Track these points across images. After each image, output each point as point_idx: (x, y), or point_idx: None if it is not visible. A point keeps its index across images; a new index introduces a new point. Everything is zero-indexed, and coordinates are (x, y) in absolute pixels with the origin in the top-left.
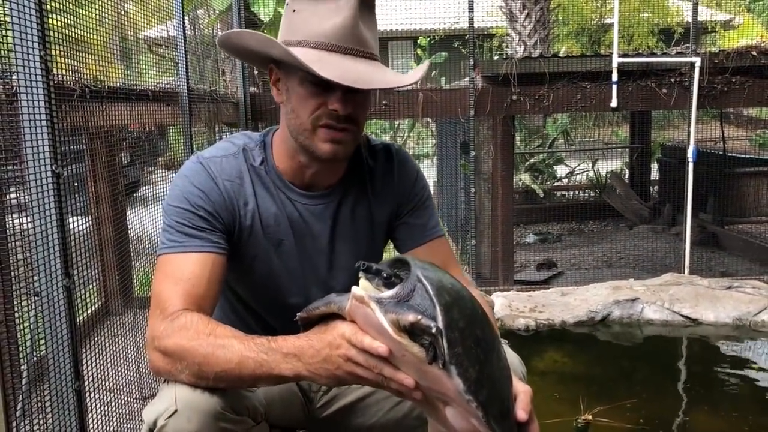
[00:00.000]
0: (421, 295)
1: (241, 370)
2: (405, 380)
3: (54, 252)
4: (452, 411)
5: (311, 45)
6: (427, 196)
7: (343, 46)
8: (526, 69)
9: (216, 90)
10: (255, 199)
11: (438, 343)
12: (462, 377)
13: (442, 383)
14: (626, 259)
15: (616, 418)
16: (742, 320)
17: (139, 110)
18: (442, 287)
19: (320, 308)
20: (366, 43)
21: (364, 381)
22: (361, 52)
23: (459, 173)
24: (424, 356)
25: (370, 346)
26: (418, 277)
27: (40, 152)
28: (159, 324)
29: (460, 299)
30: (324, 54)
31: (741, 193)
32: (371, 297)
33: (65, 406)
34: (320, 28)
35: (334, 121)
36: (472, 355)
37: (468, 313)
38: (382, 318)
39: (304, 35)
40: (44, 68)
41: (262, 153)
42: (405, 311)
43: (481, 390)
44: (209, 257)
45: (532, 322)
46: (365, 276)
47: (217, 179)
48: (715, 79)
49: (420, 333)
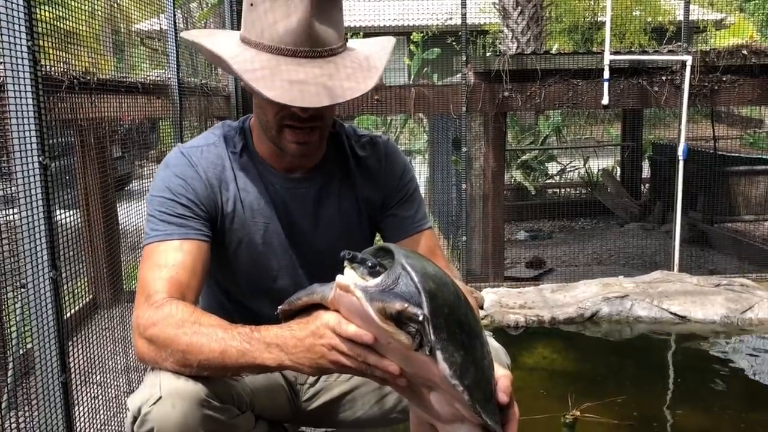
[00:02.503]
0: (405, 283)
1: (224, 358)
2: (390, 367)
3: (41, 244)
4: (437, 396)
5: (265, 48)
6: (415, 188)
7: (298, 50)
8: (518, 66)
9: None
10: (236, 184)
11: (424, 330)
12: (448, 362)
13: (427, 369)
14: (616, 257)
15: (604, 415)
16: (730, 318)
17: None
18: (426, 275)
19: (303, 299)
20: (322, 41)
21: (348, 370)
22: (317, 52)
23: (451, 169)
24: (411, 343)
25: (356, 334)
26: (403, 265)
27: (27, 143)
28: (144, 312)
29: (443, 286)
30: (276, 60)
31: (731, 191)
32: (357, 285)
33: (51, 399)
34: (274, 30)
35: (297, 122)
36: (457, 340)
37: (452, 300)
38: (368, 306)
39: (259, 35)
40: (32, 59)
41: (242, 139)
42: (392, 299)
43: (466, 374)
44: (192, 244)
45: (521, 319)
46: (350, 265)
47: (198, 168)
48: (706, 77)
49: (406, 320)
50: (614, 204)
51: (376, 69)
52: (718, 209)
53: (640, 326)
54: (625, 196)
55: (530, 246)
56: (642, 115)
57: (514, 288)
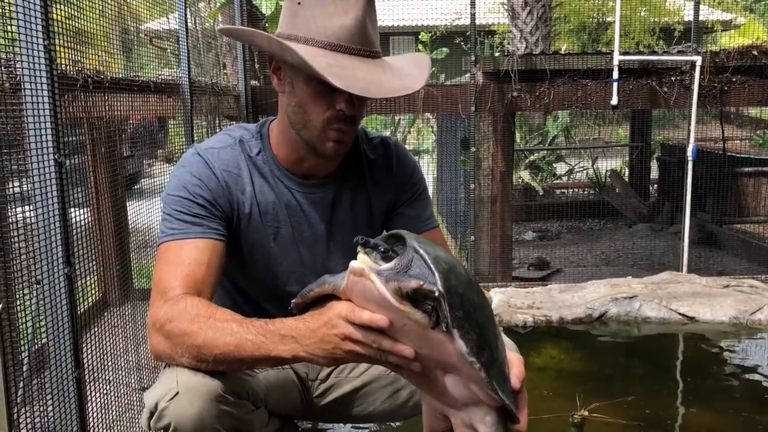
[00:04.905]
0: (418, 266)
1: (240, 352)
2: (405, 351)
3: (56, 240)
4: (452, 379)
5: (318, 44)
6: (424, 188)
7: (351, 47)
8: (527, 66)
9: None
10: (253, 188)
11: (441, 306)
12: (464, 339)
13: (444, 348)
14: (625, 257)
15: (612, 415)
16: (739, 319)
17: (141, 101)
18: (438, 258)
19: (314, 290)
20: (372, 43)
21: (362, 358)
22: (368, 52)
23: (459, 169)
24: (427, 322)
25: (370, 319)
26: (415, 248)
27: (43, 141)
28: (159, 308)
29: (455, 268)
30: (331, 56)
31: (740, 192)
32: (371, 269)
33: (65, 394)
34: (328, 27)
35: (342, 124)
36: (472, 319)
37: (464, 281)
38: (383, 288)
39: (310, 32)
40: (48, 58)
41: (259, 143)
42: (407, 279)
43: (482, 352)
44: (208, 243)
45: (530, 319)
46: (363, 250)
47: (215, 169)
48: (715, 78)
49: (422, 299)
50: (622, 205)
51: (421, 71)
52: (727, 210)
53: (649, 327)
54: (633, 196)
55: (538, 246)
56: (651, 115)
57: (522, 288)
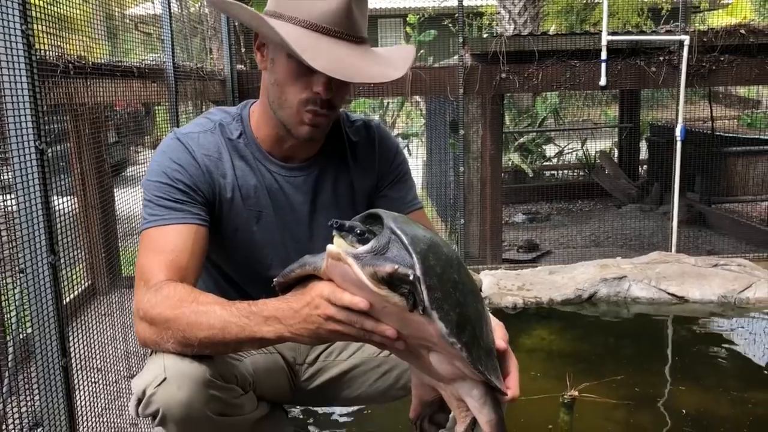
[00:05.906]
0: (396, 247)
1: (225, 335)
2: (387, 331)
3: (39, 229)
4: (436, 356)
5: (301, 24)
6: (407, 170)
7: (334, 29)
8: (515, 47)
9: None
10: (234, 172)
11: (417, 290)
12: (443, 321)
13: (424, 329)
14: (614, 238)
15: (602, 394)
16: (727, 298)
17: (125, 87)
18: (416, 237)
19: (296, 271)
20: (357, 27)
21: (346, 337)
22: (351, 36)
23: (448, 152)
24: (405, 305)
25: (351, 301)
26: (392, 229)
27: (23, 128)
28: (143, 295)
29: (434, 246)
30: (314, 36)
31: (729, 172)
32: (348, 253)
33: (52, 383)
34: (313, 8)
35: (318, 107)
36: (451, 298)
37: (444, 259)
38: (359, 272)
39: (294, 11)
40: (26, 43)
41: (240, 126)
42: (382, 263)
43: (462, 332)
44: (191, 228)
45: (519, 300)
46: (339, 234)
47: (195, 154)
48: (703, 57)
49: (399, 282)
50: (612, 186)
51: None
52: (716, 190)
53: (638, 307)
54: (622, 177)
55: (528, 228)
56: (639, 96)
57: (512, 270)
